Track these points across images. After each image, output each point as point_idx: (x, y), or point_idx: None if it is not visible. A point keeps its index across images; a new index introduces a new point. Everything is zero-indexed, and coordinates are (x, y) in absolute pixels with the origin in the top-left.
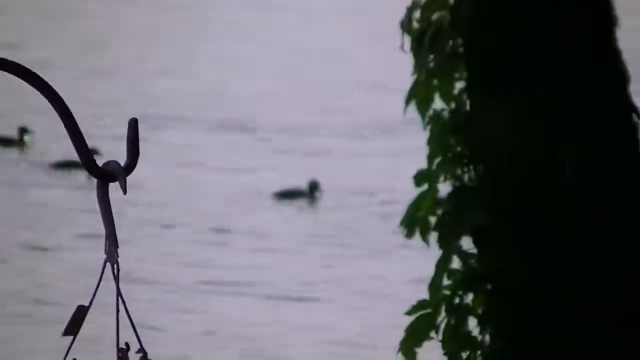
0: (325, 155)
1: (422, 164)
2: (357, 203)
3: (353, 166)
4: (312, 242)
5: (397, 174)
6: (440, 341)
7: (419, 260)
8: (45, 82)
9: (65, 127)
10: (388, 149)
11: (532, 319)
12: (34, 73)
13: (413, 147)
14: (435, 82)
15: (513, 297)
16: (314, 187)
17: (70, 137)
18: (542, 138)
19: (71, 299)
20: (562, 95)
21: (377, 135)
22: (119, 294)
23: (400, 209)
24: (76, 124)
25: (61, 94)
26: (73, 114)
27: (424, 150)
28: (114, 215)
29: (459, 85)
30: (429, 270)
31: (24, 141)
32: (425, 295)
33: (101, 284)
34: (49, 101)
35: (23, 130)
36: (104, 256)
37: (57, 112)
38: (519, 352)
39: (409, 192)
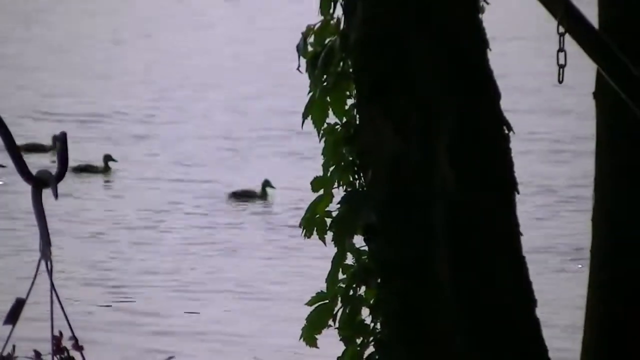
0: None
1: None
2: None
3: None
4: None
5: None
6: (337, 328)
7: None
8: None
9: (2, 139)
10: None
11: (415, 306)
12: None
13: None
14: (328, 99)
15: (398, 286)
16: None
17: (6, 147)
18: (419, 147)
19: None
20: (438, 109)
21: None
22: (52, 286)
23: None
24: (9, 134)
25: None
26: (6, 124)
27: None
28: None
29: (350, 101)
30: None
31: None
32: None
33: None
34: None
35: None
36: (39, 254)
37: None
38: (405, 337)
39: None
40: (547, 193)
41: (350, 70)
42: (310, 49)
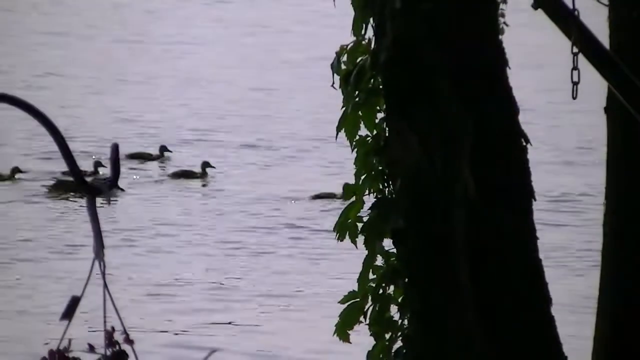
0: None
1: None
2: None
3: None
4: None
5: None
6: (368, 324)
7: None
8: (37, 109)
9: (60, 150)
10: None
11: (438, 305)
12: (26, 102)
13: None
14: (360, 113)
15: (423, 287)
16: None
17: (64, 158)
18: (444, 158)
19: None
20: (462, 123)
21: None
22: (105, 285)
23: None
24: (67, 145)
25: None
26: (64, 137)
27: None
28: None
29: (380, 115)
30: None
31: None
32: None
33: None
34: (43, 125)
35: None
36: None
37: (52, 136)
38: (431, 333)
39: None
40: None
41: (380, 87)
42: (343, 67)
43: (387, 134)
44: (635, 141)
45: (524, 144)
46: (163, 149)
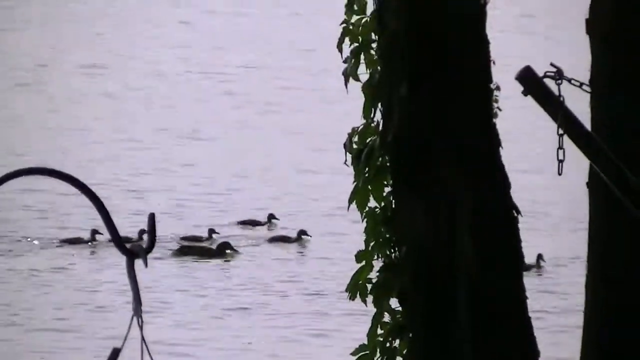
0: None
1: None
2: None
3: None
4: None
5: None
6: None
7: None
8: (83, 183)
9: (102, 218)
10: None
11: (440, 358)
12: (73, 177)
13: None
14: (369, 187)
15: (426, 343)
16: None
17: (106, 225)
18: (445, 229)
19: None
20: (459, 198)
21: None
22: (143, 339)
23: None
24: (109, 215)
25: None
26: (106, 207)
27: None
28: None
29: (387, 189)
30: None
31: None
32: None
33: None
34: (88, 197)
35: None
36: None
37: (96, 207)
38: None
39: None
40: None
41: (387, 164)
42: (354, 146)
43: (394, 206)
44: (614, 213)
45: (515, 215)
46: (271, 216)
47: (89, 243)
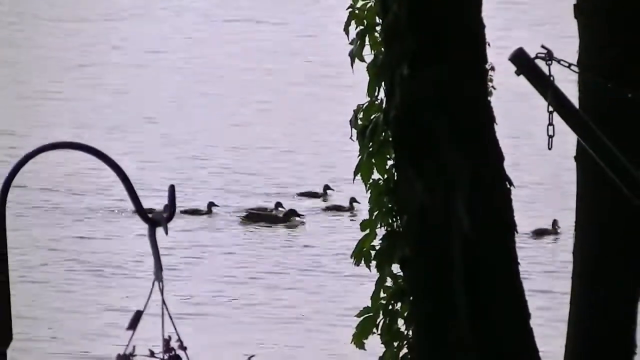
0: None
1: None
2: None
3: None
4: None
5: None
6: (380, 335)
7: None
8: (107, 155)
9: (126, 189)
10: None
11: (439, 319)
12: (97, 149)
13: None
14: (373, 160)
15: (425, 304)
16: None
17: (130, 196)
18: (444, 198)
19: None
20: (459, 171)
21: None
22: (163, 301)
23: None
24: (132, 187)
25: None
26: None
27: None
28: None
29: (390, 162)
30: None
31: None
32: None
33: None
34: (112, 168)
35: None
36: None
37: (119, 178)
38: (431, 343)
39: None
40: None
41: (390, 139)
42: (359, 122)
43: (396, 178)
44: (599, 183)
45: (509, 186)
46: (326, 187)
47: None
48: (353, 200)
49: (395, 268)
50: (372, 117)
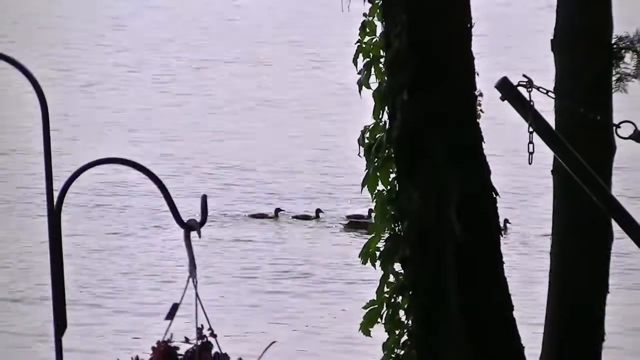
0: None
1: None
2: None
3: None
4: None
5: None
6: (384, 324)
7: None
8: (145, 167)
9: (164, 196)
10: None
11: (432, 312)
12: (137, 163)
13: None
14: (378, 174)
15: (423, 298)
16: None
17: (167, 203)
18: (436, 207)
19: None
20: (452, 183)
21: None
22: (197, 295)
23: None
24: (169, 194)
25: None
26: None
27: None
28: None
29: (392, 175)
30: None
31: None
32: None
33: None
34: (150, 178)
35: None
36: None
37: (157, 186)
38: (426, 331)
39: None
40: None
41: (392, 155)
42: (366, 141)
43: (397, 189)
44: (573, 195)
45: (494, 196)
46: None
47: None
48: (506, 221)
49: (397, 266)
50: (377, 137)
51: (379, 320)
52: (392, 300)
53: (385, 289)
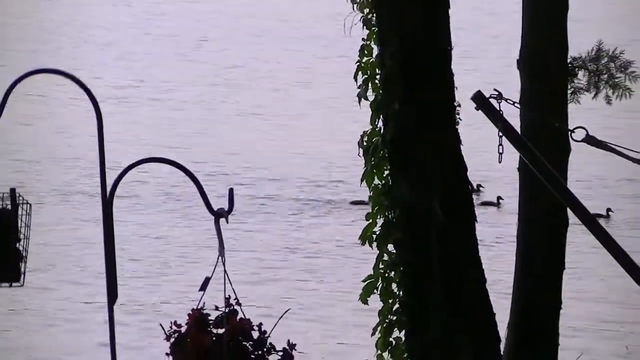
0: None
1: None
2: None
3: None
4: None
5: None
6: (379, 294)
7: None
8: (179, 164)
9: (196, 186)
10: None
11: (418, 286)
12: (175, 162)
13: None
14: (374, 171)
15: (411, 273)
16: None
17: (199, 192)
18: (423, 198)
19: None
20: (432, 177)
21: None
22: (225, 270)
23: None
24: (200, 184)
25: None
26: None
27: None
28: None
29: (386, 172)
30: None
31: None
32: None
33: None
34: (181, 170)
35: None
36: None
37: (188, 176)
38: (414, 301)
39: None
40: None
41: (387, 155)
42: (365, 143)
43: (390, 183)
44: (535, 187)
45: (470, 189)
46: (479, 185)
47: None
48: (499, 198)
49: (390, 247)
50: (373, 140)
51: (375, 291)
52: (386, 275)
53: (381, 266)
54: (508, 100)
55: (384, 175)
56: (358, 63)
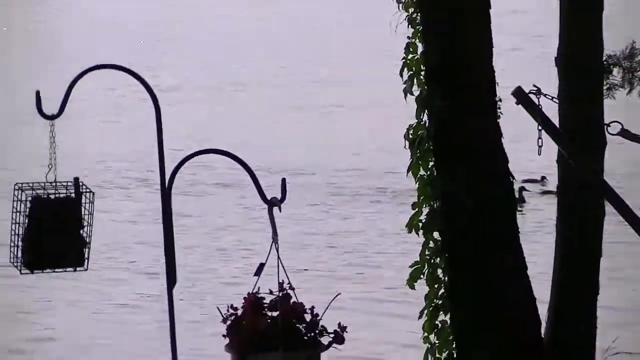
0: None
1: None
2: None
3: None
4: None
5: None
6: (425, 279)
7: None
8: (234, 155)
9: (250, 176)
10: None
11: (462, 270)
12: (232, 153)
13: None
14: (420, 162)
15: (454, 259)
16: None
17: (253, 182)
18: (461, 188)
19: None
20: (471, 169)
21: None
22: (278, 257)
23: None
24: (252, 171)
25: None
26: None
27: None
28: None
29: (431, 164)
30: None
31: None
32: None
33: None
34: (236, 161)
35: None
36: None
37: (243, 167)
38: (456, 285)
39: None
40: None
41: (431, 148)
42: (410, 136)
43: (435, 174)
44: (573, 178)
45: (511, 179)
46: (543, 177)
47: None
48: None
49: (436, 235)
50: (419, 133)
51: (421, 276)
52: (432, 261)
53: (427, 252)
54: (547, 96)
55: (429, 167)
56: (404, 60)
